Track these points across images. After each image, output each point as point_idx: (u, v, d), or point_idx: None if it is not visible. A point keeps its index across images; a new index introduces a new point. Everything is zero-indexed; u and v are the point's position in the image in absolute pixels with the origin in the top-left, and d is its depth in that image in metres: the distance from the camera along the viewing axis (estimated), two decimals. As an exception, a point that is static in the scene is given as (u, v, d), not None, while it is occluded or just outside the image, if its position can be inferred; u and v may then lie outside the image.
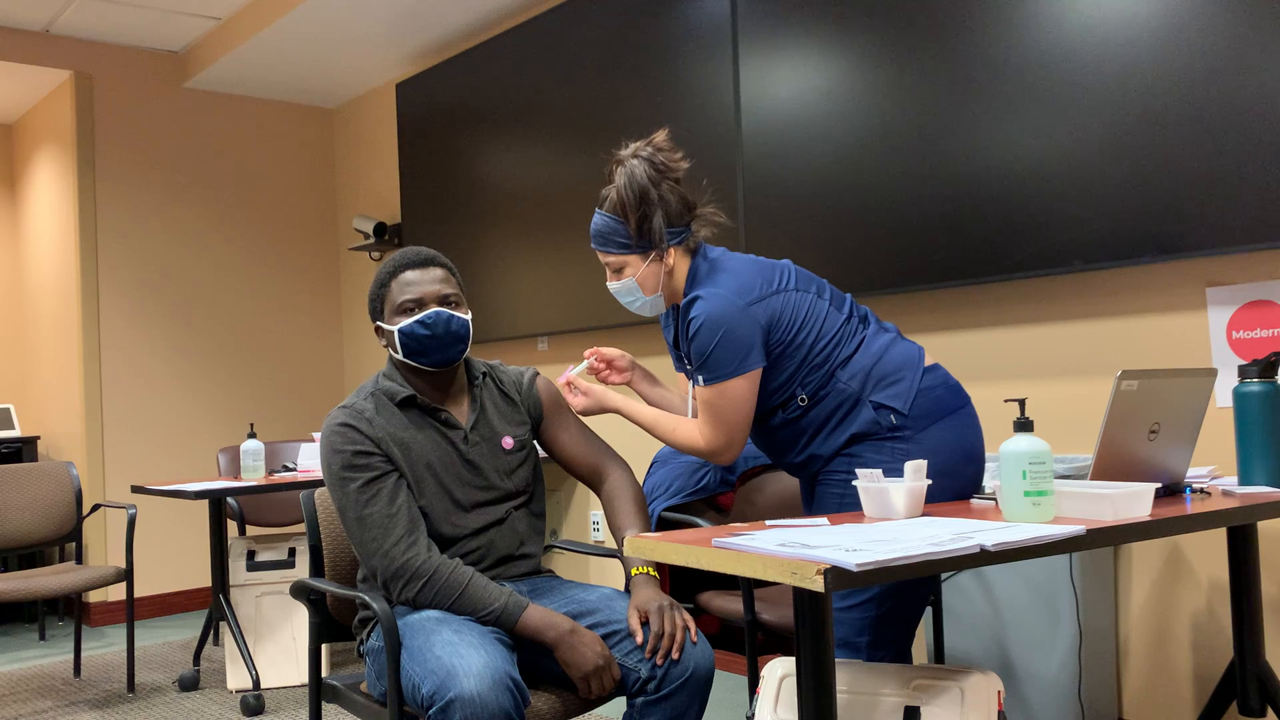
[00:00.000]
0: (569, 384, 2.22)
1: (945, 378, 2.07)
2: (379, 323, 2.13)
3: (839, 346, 2.03)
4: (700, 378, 2.02)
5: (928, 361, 2.08)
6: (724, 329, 1.97)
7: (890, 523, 1.71)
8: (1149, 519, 1.67)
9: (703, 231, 2.16)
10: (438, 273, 2.11)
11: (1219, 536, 2.62)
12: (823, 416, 2.04)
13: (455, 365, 2.13)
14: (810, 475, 2.14)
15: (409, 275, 2.09)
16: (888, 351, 2.05)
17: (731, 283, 2.02)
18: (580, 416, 2.35)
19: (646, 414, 2.14)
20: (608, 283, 2.17)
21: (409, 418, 2.10)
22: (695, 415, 2.13)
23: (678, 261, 2.11)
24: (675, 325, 2.21)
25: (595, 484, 2.24)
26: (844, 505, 2.03)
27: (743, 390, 2.00)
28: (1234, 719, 2.61)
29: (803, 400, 2.04)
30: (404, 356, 2.09)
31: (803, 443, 2.08)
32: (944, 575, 2.78)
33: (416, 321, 2.06)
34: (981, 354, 3.07)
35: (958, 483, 2.03)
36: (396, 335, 2.07)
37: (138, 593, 5.21)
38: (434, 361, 2.09)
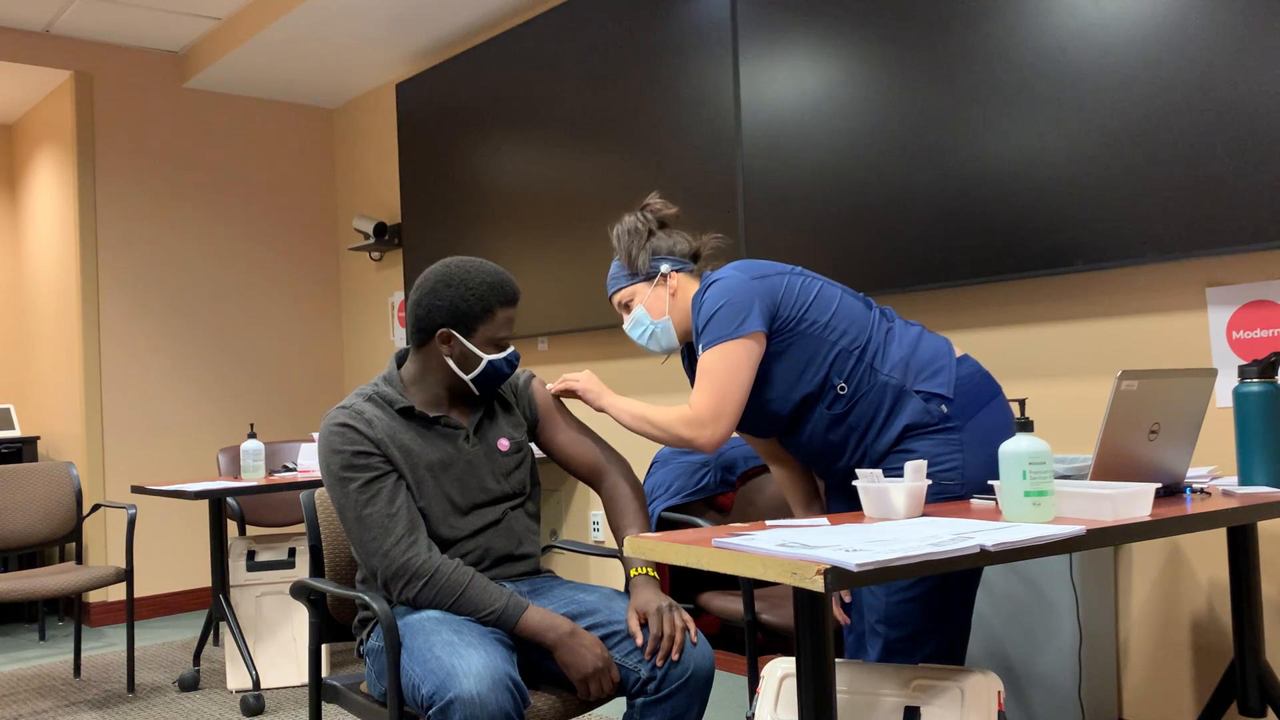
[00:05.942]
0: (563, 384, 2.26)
1: (977, 366, 2.08)
2: (456, 333, 2.09)
3: (866, 330, 2.05)
4: (701, 345, 2.04)
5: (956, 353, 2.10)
6: (728, 297, 2.03)
7: (890, 523, 1.71)
8: (1149, 519, 1.67)
9: (711, 265, 2.30)
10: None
11: (1219, 536, 2.62)
12: (870, 412, 2.03)
13: None
14: None
15: (510, 312, 2.14)
16: (920, 342, 2.07)
17: (739, 264, 2.12)
18: (584, 403, 2.40)
19: (630, 404, 2.14)
20: (624, 327, 2.26)
21: (408, 421, 2.10)
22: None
23: (685, 286, 2.19)
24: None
25: (595, 483, 2.24)
26: None
27: (741, 354, 2.00)
28: (1234, 719, 2.61)
29: (842, 389, 2.03)
30: (472, 379, 2.11)
31: (854, 441, 2.06)
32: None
33: (504, 359, 2.12)
34: (982, 354, 3.07)
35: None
36: (485, 364, 2.10)
37: (138, 593, 5.22)
38: (489, 390, 2.15)
